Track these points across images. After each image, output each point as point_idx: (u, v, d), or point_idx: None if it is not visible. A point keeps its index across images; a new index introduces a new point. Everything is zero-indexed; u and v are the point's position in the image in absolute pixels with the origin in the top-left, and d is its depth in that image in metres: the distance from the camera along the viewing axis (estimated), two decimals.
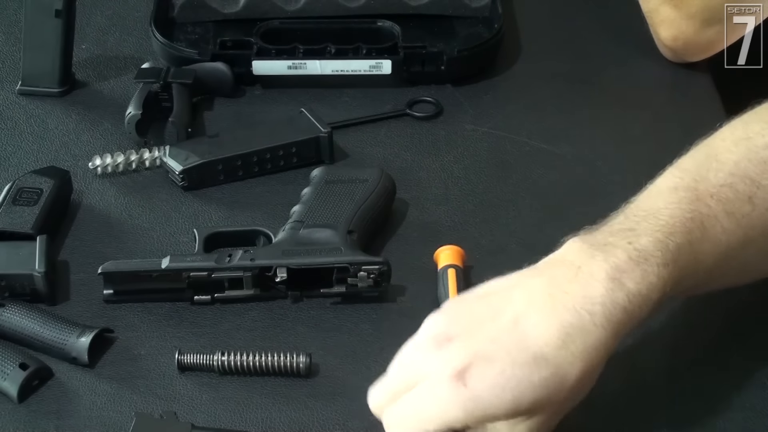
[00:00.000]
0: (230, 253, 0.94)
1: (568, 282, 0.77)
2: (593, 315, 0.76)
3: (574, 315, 0.76)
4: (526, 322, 0.76)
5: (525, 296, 0.78)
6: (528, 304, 0.77)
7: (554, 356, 0.75)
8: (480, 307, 0.79)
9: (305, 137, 1.07)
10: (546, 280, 0.78)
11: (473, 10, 1.22)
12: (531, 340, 0.75)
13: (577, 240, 0.80)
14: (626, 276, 0.77)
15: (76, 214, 1.03)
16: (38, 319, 0.90)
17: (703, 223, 0.81)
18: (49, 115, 1.14)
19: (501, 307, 0.78)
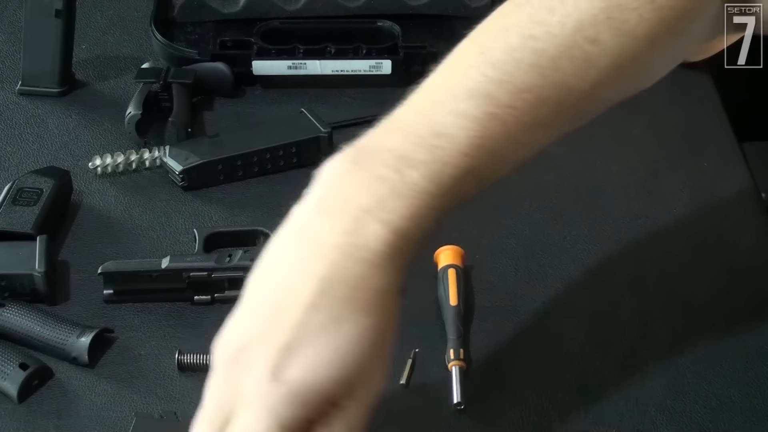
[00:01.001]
0: (230, 253, 0.94)
1: (340, 238, 0.71)
2: (367, 262, 0.70)
3: (334, 263, 0.70)
4: (313, 304, 0.69)
5: (301, 280, 0.70)
6: (305, 286, 0.70)
7: (349, 318, 0.69)
8: (264, 307, 0.71)
9: (305, 137, 1.07)
10: (308, 244, 0.72)
11: (473, 10, 1.22)
12: (327, 315, 0.69)
13: (342, 164, 0.75)
14: (387, 210, 0.71)
15: (76, 214, 1.03)
16: (38, 319, 0.90)
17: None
18: (49, 115, 1.14)
19: (285, 302, 0.70)
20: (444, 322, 0.92)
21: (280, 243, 0.74)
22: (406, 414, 0.86)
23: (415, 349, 0.90)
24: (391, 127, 0.77)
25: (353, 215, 0.71)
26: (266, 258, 0.74)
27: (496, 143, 0.75)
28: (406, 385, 0.88)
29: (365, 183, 0.73)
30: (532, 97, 0.75)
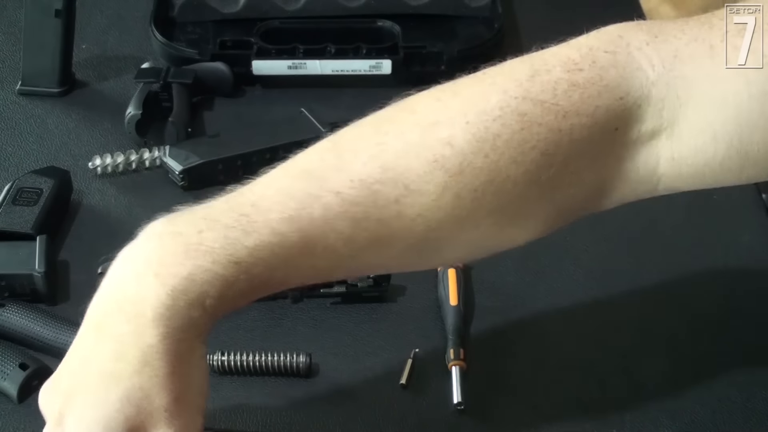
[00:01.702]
0: None
1: (110, 297, 0.71)
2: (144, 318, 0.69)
3: (106, 317, 0.70)
4: (88, 356, 0.69)
5: (81, 339, 0.71)
6: (82, 342, 0.70)
7: (119, 369, 0.68)
8: (77, 354, 0.71)
9: (305, 137, 1.07)
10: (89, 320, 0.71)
11: (473, 9, 1.22)
12: (95, 364, 0.69)
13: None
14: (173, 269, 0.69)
15: (76, 214, 1.03)
16: (38, 319, 0.90)
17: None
18: (49, 115, 1.14)
19: (80, 353, 0.70)
20: (444, 322, 0.92)
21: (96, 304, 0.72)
22: (406, 414, 0.86)
23: (415, 350, 0.90)
24: (216, 202, 0.75)
25: (135, 269, 0.70)
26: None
27: (305, 235, 0.71)
28: (406, 385, 0.88)
29: (160, 237, 0.71)
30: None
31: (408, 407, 0.86)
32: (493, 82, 0.74)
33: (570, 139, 0.71)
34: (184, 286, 0.69)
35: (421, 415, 0.86)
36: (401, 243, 0.73)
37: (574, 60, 0.73)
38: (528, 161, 0.71)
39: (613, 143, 0.72)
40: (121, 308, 0.70)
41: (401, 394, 0.87)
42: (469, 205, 0.72)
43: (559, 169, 0.72)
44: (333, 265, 0.73)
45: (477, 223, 0.73)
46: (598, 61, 0.73)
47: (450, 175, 0.71)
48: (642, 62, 0.73)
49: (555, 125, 0.71)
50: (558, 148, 0.71)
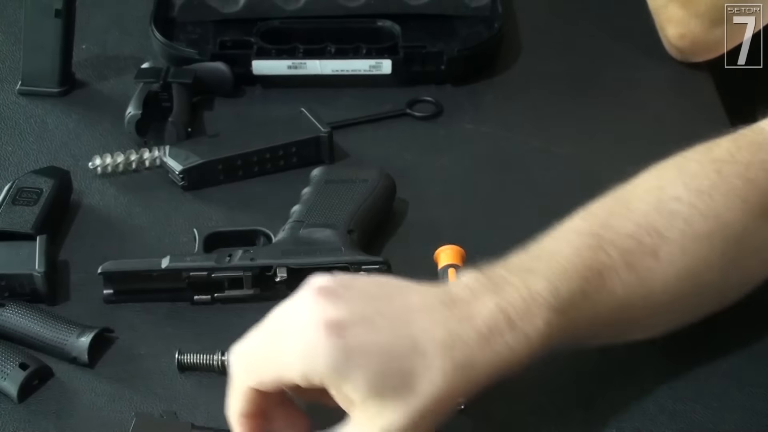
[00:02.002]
0: (230, 253, 0.94)
1: (458, 302, 0.75)
2: (478, 335, 0.73)
3: (459, 327, 0.73)
4: (413, 315, 0.73)
5: (417, 295, 0.75)
6: (419, 302, 0.75)
7: (430, 355, 0.72)
8: (374, 287, 0.75)
9: (305, 137, 1.07)
10: (438, 293, 0.76)
11: (473, 9, 1.22)
12: (414, 331, 0.73)
13: (474, 272, 0.77)
14: (514, 312, 0.74)
15: (76, 214, 1.03)
16: (38, 319, 0.90)
17: (602, 272, 0.77)
18: (49, 115, 1.14)
19: (394, 294, 0.75)
20: None
21: (441, 289, 0.77)
22: None
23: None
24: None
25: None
26: (415, 282, 0.77)
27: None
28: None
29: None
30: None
31: None
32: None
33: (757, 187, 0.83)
34: (521, 329, 0.75)
35: None
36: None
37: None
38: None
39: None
40: (465, 325, 0.74)
41: None
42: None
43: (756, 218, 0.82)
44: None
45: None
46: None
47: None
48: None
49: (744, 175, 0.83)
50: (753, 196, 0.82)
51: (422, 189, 1.06)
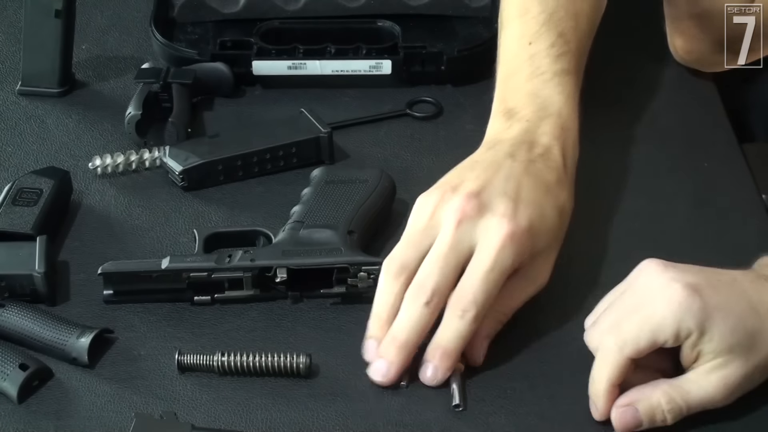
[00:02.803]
0: (230, 254, 0.94)
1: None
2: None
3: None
4: (742, 284, 0.84)
5: (737, 273, 0.85)
6: (741, 276, 0.85)
7: (765, 315, 0.82)
8: (695, 266, 0.85)
9: (305, 137, 1.07)
10: (751, 272, 0.86)
11: (473, 10, 1.22)
12: (748, 295, 0.83)
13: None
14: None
15: (76, 214, 1.03)
16: (38, 320, 0.90)
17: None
18: (49, 115, 1.14)
19: (716, 271, 0.85)
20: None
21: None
22: (406, 414, 0.86)
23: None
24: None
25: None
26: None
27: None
28: (407, 385, 0.88)
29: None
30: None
31: (407, 408, 0.86)
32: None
33: None
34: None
35: (421, 416, 0.86)
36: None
37: None
38: None
39: None
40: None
41: (401, 395, 0.87)
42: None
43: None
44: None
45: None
46: None
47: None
48: None
49: None
50: None
51: (422, 189, 1.05)
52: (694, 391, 0.82)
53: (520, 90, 1.01)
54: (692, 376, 0.83)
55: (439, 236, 0.89)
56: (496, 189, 0.91)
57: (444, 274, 0.88)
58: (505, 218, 0.89)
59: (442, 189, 0.92)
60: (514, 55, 1.04)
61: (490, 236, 0.88)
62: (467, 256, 0.88)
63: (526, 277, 0.91)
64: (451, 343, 0.87)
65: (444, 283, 0.88)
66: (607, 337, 0.83)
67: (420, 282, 0.88)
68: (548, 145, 0.96)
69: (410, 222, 0.92)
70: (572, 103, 1.00)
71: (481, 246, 0.88)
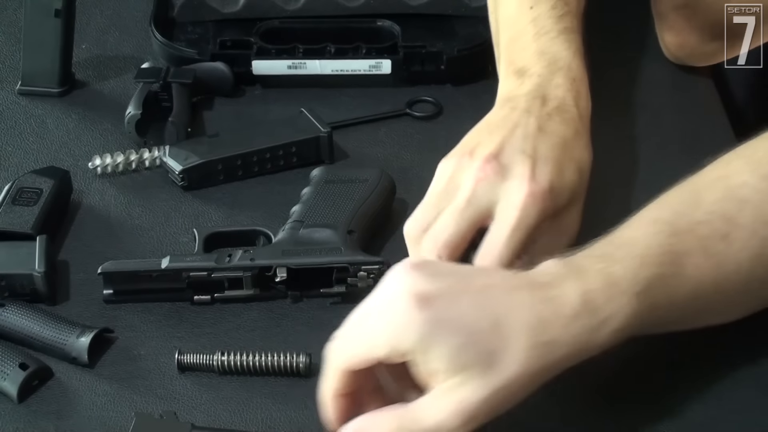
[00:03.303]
0: (230, 253, 0.94)
1: (541, 287, 0.78)
2: (558, 318, 0.76)
3: (542, 308, 0.76)
4: (495, 296, 0.77)
5: (500, 279, 0.79)
6: (502, 284, 0.78)
7: (510, 333, 0.75)
8: (461, 268, 0.81)
9: (305, 137, 1.07)
10: (520, 278, 0.79)
11: (473, 9, 1.22)
12: (496, 309, 0.76)
13: (553, 261, 0.80)
14: (596, 299, 0.77)
15: (76, 214, 1.03)
16: (38, 319, 0.90)
17: (677, 258, 0.80)
18: (48, 115, 1.14)
19: (478, 275, 0.80)
20: None
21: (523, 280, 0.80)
22: None
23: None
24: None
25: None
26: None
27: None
28: None
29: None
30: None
31: None
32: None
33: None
34: (605, 314, 0.78)
35: None
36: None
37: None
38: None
39: None
40: (548, 315, 0.77)
41: None
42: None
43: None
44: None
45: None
46: None
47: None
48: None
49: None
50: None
51: (422, 189, 1.05)
52: (428, 418, 0.74)
53: (527, 50, 1.00)
54: (426, 400, 0.75)
55: (458, 194, 0.89)
56: (514, 149, 0.90)
57: (459, 227, 0.88)
58: (525, 179, 0.88)
59: (460, 153, 0.92)
60: (516, 20, 1.03)
61: (511, 197, 0.88)
62: (485, 215, 0.88)
63: (557, 231, 0.91)
64: None
65: (458, 237, 0.88)
66: (334, 344, 0.79)
67: (434, 234, 0.89)
68: (562, 97, 0.96)
69: (431, 186, 0.92)
70: (580, 57, 1.00)
71: (503, 206, 0.88)
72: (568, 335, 0.76)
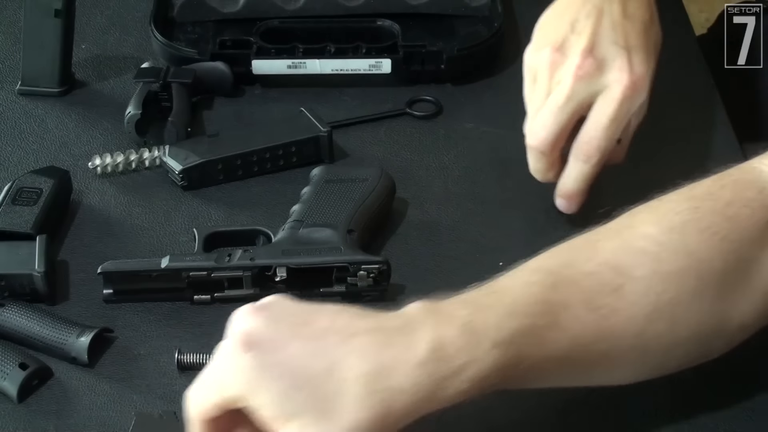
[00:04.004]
0: (230, 253, 0.94)
1: (391, 331, 0.72)
2: (406, 364, 0.71)
3: (386, 360, 0.71)
4: (337, 340, 0.71)
5: (346, 322, 0.73)
6: (346, 329, 0.72)
7: (350, 382, 0.70)
8: (302, 309, 0.74)
9: (305, 137, 1.07)
10: (371, 320, 0.74)
11: (473, 9, 1.22)
12: (335, 356, 0.71)
13: (420, 302, 0.75)
14: (448, 347, 0.72)
15: (76, 214, 1.03)
16: (38, 319, 0.90)
17: (553, 309, 0.75)
18: (48, 115, 1.14)
19: (319, 317, 0.73)
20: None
21: (379, 319, 0.75)
22: None
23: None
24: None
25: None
26: (352, 314, 0.75)
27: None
28: None
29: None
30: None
31: None
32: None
33: (738, 225, 0.79)
34: (457, 365, 0.72)
35: None
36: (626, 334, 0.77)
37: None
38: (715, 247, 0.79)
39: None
40: (395, 359, 0.71)
41: None
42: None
43: (738, 257, 0.79)
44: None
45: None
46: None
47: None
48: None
49: (723, 212, 0.80)
50: (733, 234, 0.79)
51: (422, 189, 1.06)
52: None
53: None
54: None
55: (557, 90, 0.95)
56: (607, 41, 0.94)
57: (559, 124, 0.95)
58: (625, 71, 0.93)
59: (549, 48, 0.96)
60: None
61: (612, 90, 0.93)
62: (584, 109, 0.94)
63: (639, 112, 0.97)
64: (577, 186, 0.97)
65: (559, 134, 0.95)
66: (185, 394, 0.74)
67: (534, 132, 0.96)
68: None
69: (531, 87, 0.98)
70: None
71: (605, 98, 0.93)
72: (410, 383, 0.70)
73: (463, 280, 0.96)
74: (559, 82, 0.95)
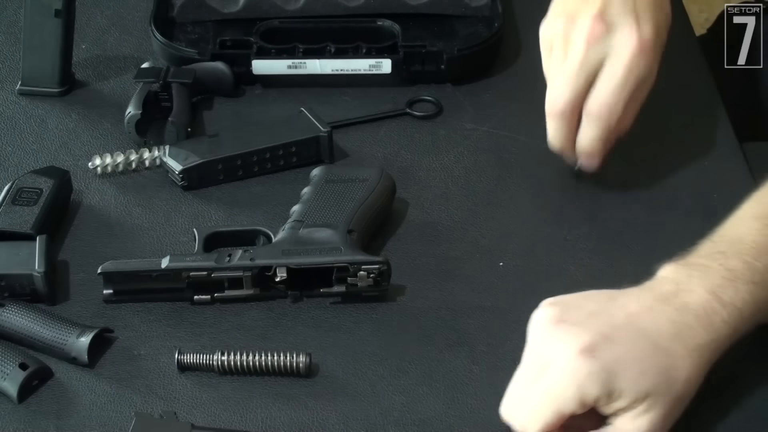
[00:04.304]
0: (230, 253, 0.94)
1: (670, 296, 0.82)
2: (698, 319, 0.81)
3: (681, 317, 0.81)
4: (639, 318, 0.81)
5: (633, 301, 0.82)
6: (637, 306, 0.82)
7: (668, 347, 0.80)
8: (589, 303, 0.83)
9: (305, 137, 1.07)
10: (648, 293, 0.83)
11: (473, 9, 1.22)
12: (647, 331, 0.80)
13: (671, 264, 0.85)
14: (721, 291, 0.82)
15: (76, 214, 1.03)
16: (38, 319, 0.90)
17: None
18: (48, 115, 1.14)
19: (610, 307, 0.82)
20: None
21: (645, 288, 0.84)
22: (406, 414, 0.86)
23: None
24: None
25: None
26: (616, 291, 0.84)
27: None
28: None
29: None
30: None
31: (408, 407, 0.86)
32: None
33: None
34: (732, 304, 0.83)
35: (421, 415, 0.86)
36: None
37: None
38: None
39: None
40: (682, 311, 0.82)
41: (401, 394, 0.87)
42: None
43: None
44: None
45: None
46: None
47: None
48: None
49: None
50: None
51: (422, 189, 1.06)
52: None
53: None
54: (619, 425, 0.80)
55: (570, 55, 0.98)
56: (617, 7, 0.98)
57: (575, 89, 0.98)
58: (633, 33, 0.97)
59: (562, 18, 0.99)
60: None
61: (621, 51, 0.97)
62: (596, 72, 0.98)
63: (645, 81, 0.99)
64: (591, 145, 1.00)
65: (576, 99, 0.98)
66: (515, 413, 0.82)
67: (553, 99, 0.99)
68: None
69: (548, 59, 1.01)
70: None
71: (613, 60, 0.97)
72: (710, 333, 0.81)
73: (463, 280, 0.97)
74: (572, 48, 0.98)
